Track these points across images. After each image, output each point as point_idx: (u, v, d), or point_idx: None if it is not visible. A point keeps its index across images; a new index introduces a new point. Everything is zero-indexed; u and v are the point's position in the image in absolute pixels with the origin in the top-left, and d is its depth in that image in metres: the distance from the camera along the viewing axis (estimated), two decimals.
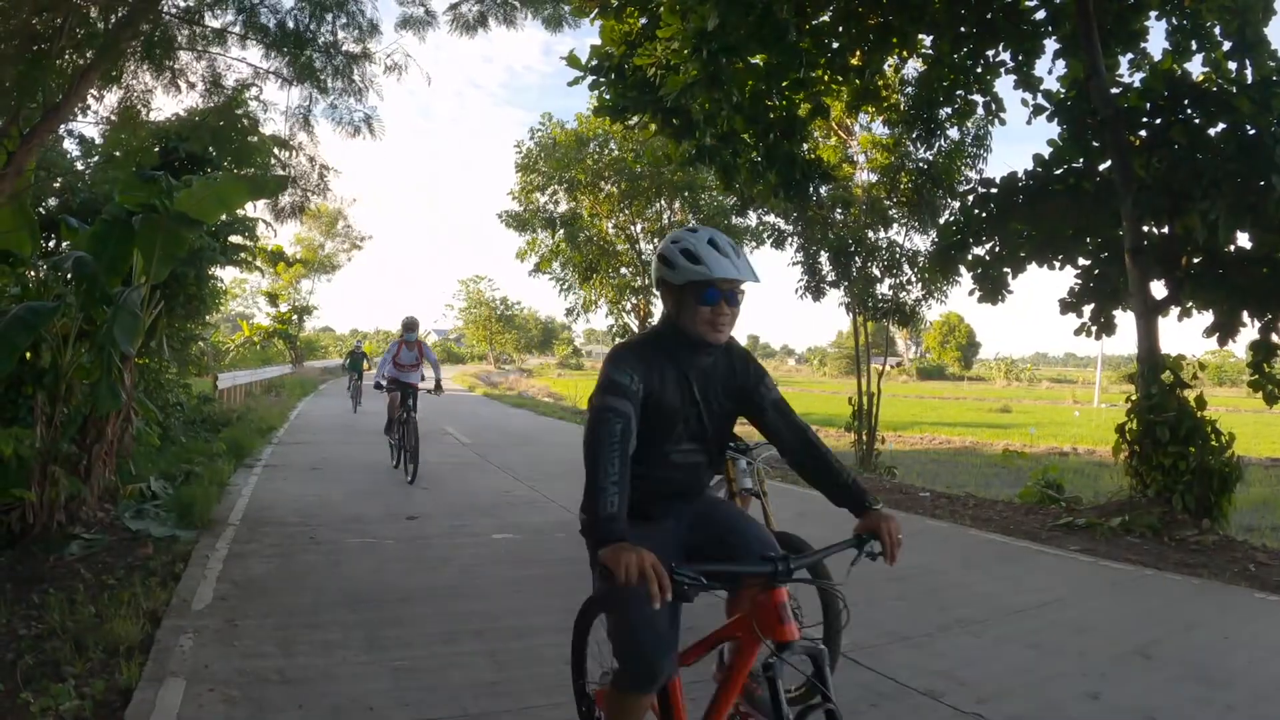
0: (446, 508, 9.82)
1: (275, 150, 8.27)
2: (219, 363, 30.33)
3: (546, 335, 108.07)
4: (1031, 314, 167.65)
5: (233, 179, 8.44)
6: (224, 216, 10.95)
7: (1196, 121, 9.76)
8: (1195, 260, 10.08)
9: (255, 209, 10.06)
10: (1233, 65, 10.49)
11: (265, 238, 14.91)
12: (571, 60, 12.44)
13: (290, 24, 7.32)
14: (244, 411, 19.82)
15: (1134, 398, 9.99)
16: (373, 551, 7.64)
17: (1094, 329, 11.55)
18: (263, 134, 8.24)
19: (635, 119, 13.00)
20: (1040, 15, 11.65)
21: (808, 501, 8.18)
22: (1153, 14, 11.35)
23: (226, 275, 24.84)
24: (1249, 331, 9.91)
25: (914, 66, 14.82)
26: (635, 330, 27.92)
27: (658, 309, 26.61)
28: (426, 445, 12.51)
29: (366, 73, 7.81)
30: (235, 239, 13.57)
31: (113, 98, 6.99)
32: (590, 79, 12.42)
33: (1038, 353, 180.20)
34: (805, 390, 68.81)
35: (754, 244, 25.88)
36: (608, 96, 12.46)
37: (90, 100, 6.74)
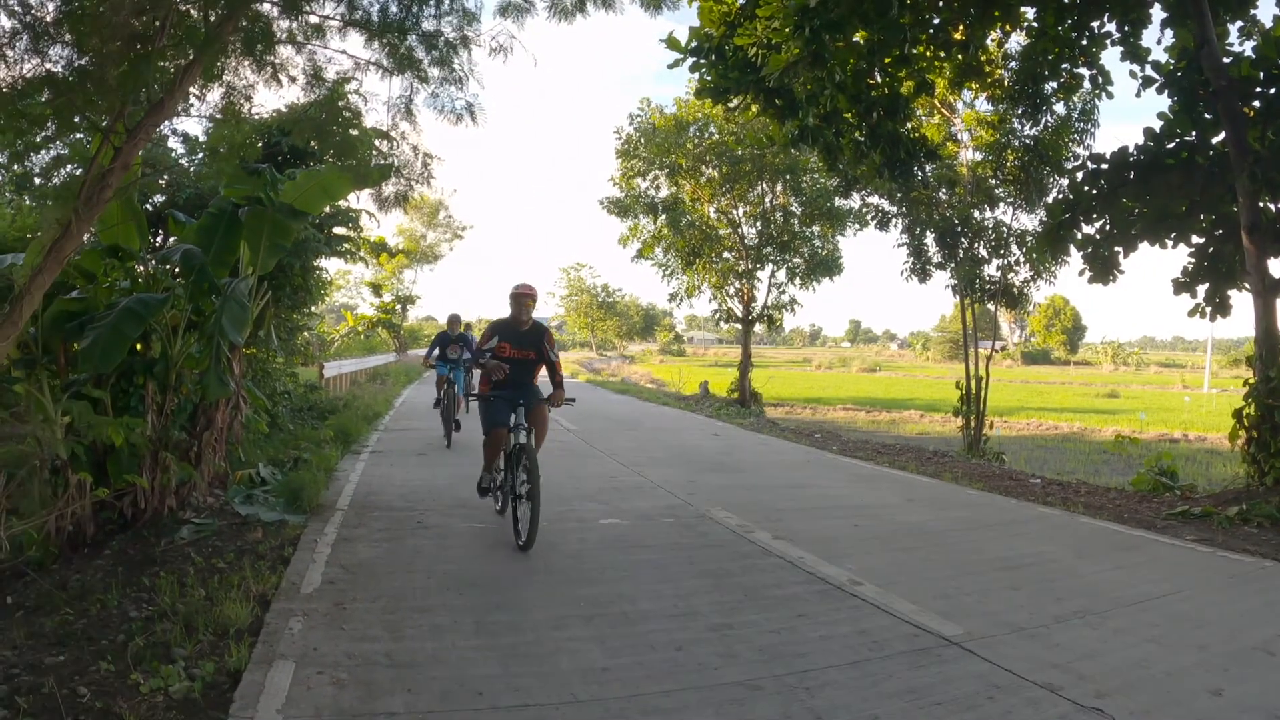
0: (553, 493, 9.71)
1: (376, 142, 8.32)
2: (324, 352, 31.01)
3: (648, 322, 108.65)
4: (1138, 296, 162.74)
5: (336, 170, 8.54)
6: (328, 208, 11.12)
7: None
8: None
9: (359, 200, 10.20)
10: None
11: (368, 229, 15.17)
12: (671, 42, 12.34)
13: (392, 8, 7.33)
14: (349, 399, 20.24)
15: (1250, 382, 9.55)
16: (480, 536, 7.65)
17: (1209, 310, 11.17)
18: (364, 126, 8.30)
19: (737, 100, 12.83)
20: None
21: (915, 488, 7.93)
22: None
23: (331, 266, 25.42)
24: None
25: (1018, 40, 14.43)
26: (739, 314, 27.69)
27: (761, 294, 26.42)
28: None
29: (466, 60, 7.78)
30: (339, 230, 13.83)
31: (215, 94, 7.08)
32: (690, 60, 12.29)
33: (1145, 336, 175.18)
34: (909, 375, 67.86)
35: (858, 226, 25.37)
36: (708, 78, 12.34)
37: (192, 98, 6.84)
